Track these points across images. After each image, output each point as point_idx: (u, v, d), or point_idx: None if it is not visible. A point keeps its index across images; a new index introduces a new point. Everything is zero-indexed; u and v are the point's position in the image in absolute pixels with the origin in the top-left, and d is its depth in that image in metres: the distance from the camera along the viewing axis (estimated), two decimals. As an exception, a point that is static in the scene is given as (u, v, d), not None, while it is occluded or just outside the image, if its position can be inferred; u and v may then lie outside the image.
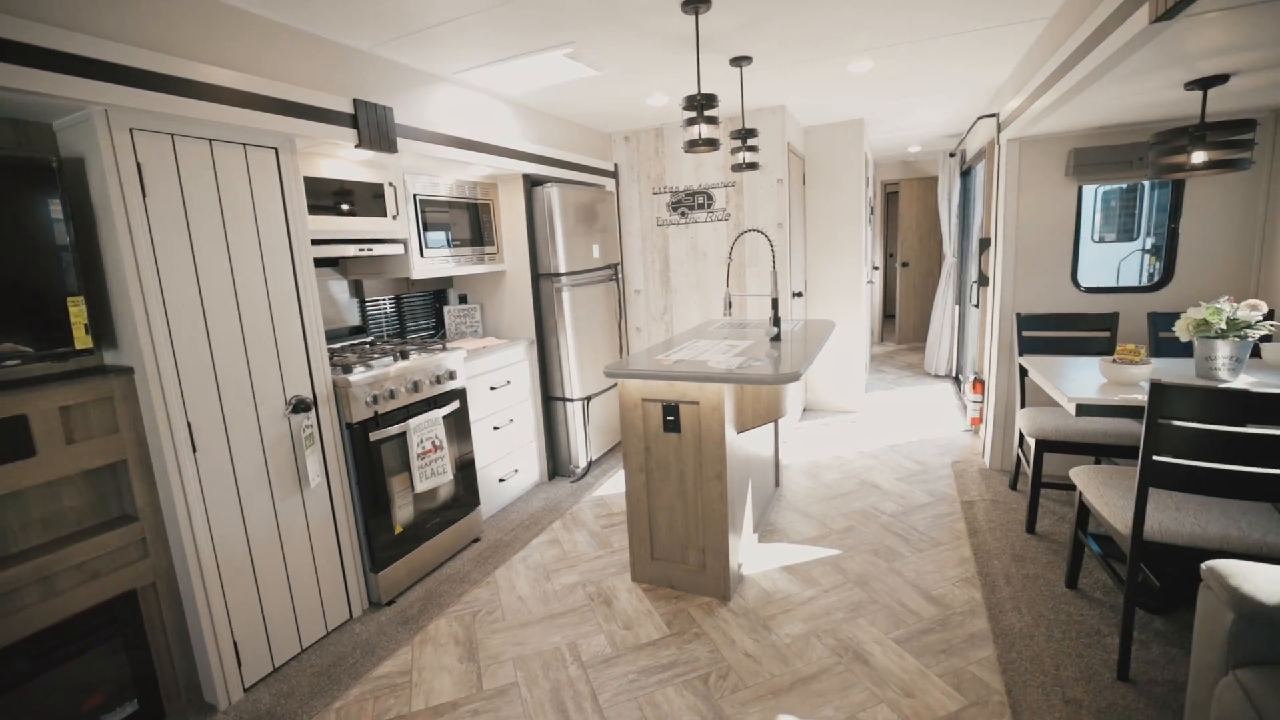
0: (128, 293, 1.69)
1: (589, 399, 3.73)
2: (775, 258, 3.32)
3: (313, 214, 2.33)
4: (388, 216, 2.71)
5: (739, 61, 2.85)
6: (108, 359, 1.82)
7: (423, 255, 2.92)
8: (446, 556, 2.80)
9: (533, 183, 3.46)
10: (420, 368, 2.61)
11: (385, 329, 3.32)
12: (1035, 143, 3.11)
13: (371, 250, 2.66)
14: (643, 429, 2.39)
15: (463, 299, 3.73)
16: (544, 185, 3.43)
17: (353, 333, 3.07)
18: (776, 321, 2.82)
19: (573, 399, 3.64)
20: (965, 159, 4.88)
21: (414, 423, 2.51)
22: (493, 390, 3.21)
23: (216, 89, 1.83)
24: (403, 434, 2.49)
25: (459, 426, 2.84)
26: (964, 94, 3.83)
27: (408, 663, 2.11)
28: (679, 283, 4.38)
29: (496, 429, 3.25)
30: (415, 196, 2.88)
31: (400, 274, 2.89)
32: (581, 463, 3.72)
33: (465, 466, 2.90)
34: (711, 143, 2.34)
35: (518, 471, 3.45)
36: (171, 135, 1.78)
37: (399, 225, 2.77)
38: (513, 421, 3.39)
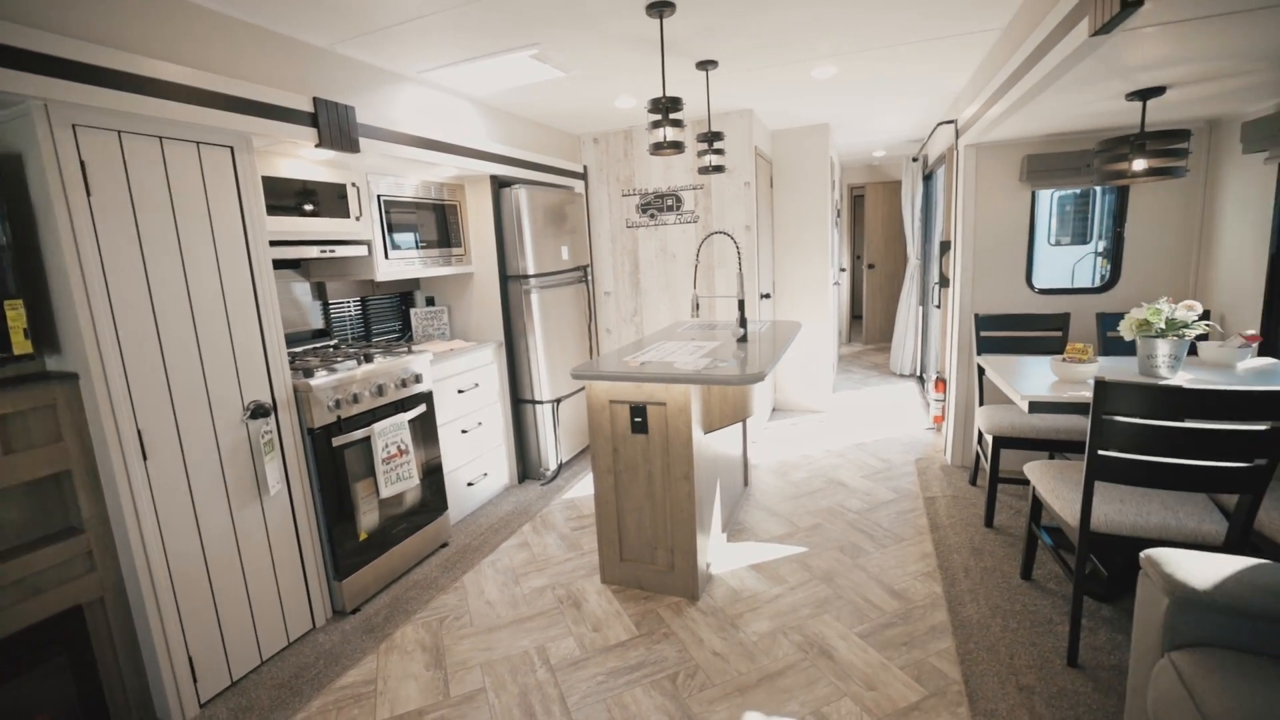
0: (71, 295, 1.62)
1: (559, 401, 3.72)
2: (742, 260, 3.36)
3: (273, 215, 2.27)
4: (351, 217, 2.66)
5: (705, 65, 2.88)
6: (50, 365, 1.74)
7: (388, 257, 2.88)
8: (413, 562, 2.75)
9: (500, 184, 3.44)
10: (385, 371, 2.57)
11: (350, 332, 3.25)
12: (991, 149, 3.21)
13: (334, 251, 2.61)
14: (610, 431, 2.39)
15: (430, 301, 3.68)
16: (512, 186, 3.41)
17: (316, 336, 3.00)
18: (743, 322, 2.85)
19: (542, 401, 3.62)
20: (927, 164, 5.01)
21: (378, 427, 2.47)
22: (461, 393, 3.18)
23: (167, 85, 1.77)
24: (367, 439, 2.44)
25: (426, 430, 2.80)
26: (925, 101, 3.93)
27: (373, 671, 2.07)
28: (649, 284, 4.39)
29: (465, 432, 3.21)
30: (379, 197, 2.83)
31: (365, 276, 2.84)
32: (552, 465, 3.71)
33: (432, 471, 2.86)
34: (677, 145, 2.37)
35: (487, 475, 3.42)
36: (118, 132, 1.71)
37: (363, 226, 2.72)
38: (481, 425, 3.35)
